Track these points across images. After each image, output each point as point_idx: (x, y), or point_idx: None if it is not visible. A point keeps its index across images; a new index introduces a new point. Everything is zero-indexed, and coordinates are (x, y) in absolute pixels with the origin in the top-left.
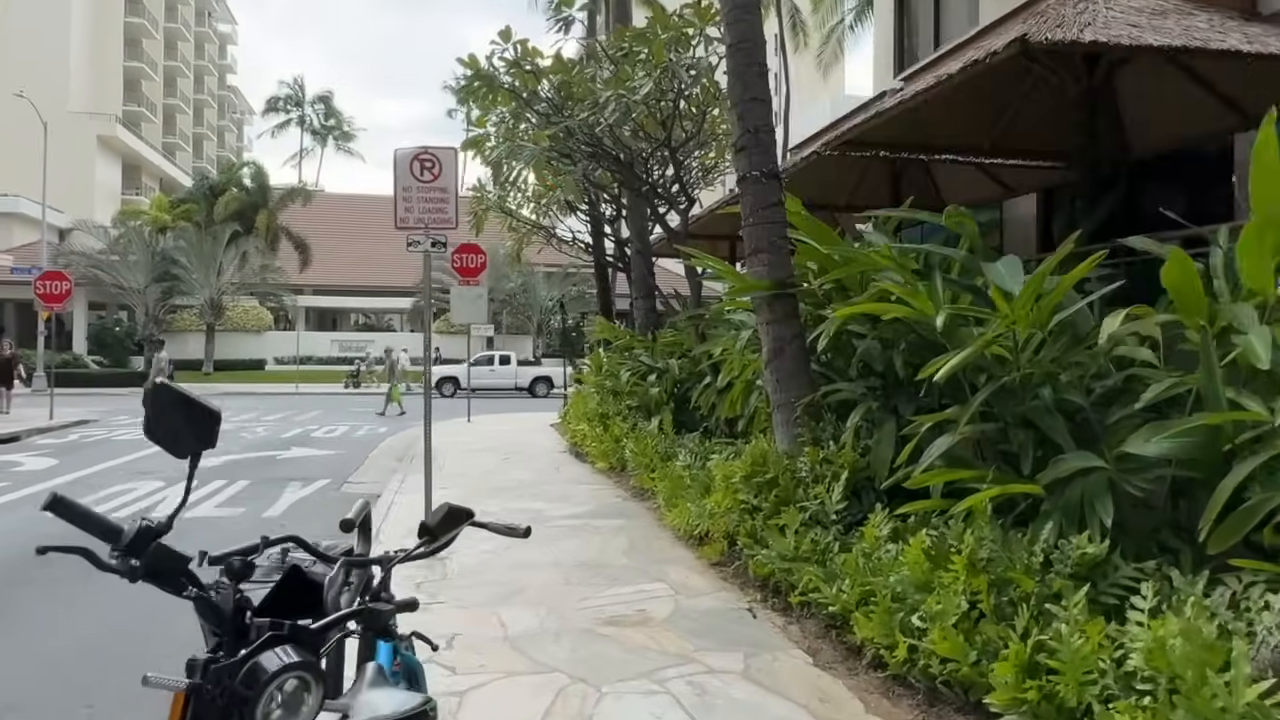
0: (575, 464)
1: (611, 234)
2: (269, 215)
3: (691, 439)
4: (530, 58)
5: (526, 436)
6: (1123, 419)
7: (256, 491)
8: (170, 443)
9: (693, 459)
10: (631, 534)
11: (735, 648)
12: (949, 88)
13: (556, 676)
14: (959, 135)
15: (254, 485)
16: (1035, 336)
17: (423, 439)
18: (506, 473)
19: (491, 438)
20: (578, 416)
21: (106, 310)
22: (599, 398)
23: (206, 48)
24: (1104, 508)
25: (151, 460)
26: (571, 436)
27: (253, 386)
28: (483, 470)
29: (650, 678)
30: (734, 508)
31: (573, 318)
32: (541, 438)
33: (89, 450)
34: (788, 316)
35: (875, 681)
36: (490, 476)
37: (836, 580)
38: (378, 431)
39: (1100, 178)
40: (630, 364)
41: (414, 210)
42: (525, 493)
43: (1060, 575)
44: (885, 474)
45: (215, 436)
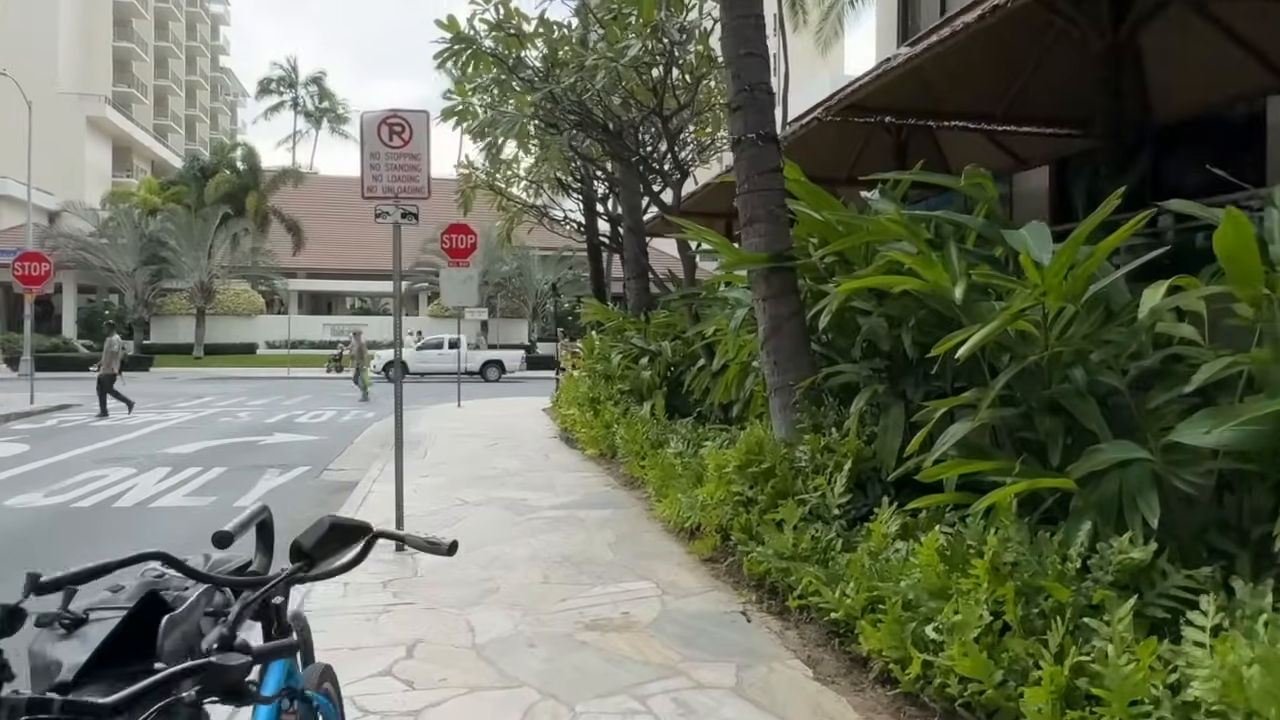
0: (564, 450)
1: (605, 213)
2: (259, 197)
3: (685, 425)
4: (513, 19)
5: (516, 421)
6: (1166, 404)
7: (231, 479)
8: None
9: (685, 446)
10: (619, 526)
11: (727, 657)
12: (964, 38)
13: (525, 692)
14: (969, 101)
15: (230, 473)
16: (1066, 311)
17: (418, 421)
18: (492, 459)
19: (480, 423)
20: (569, 401)
21: (97, 294)
22: (590, 382)
23: (199, 28)
24: (1148, 505)
25: (125, 446)
26: (562, 422)
27: (243, 371)
28: (468, 456)
29: (631, 693)
30: (727, 499)
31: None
32: (532, 422)
33: (64, 436)
34: (785, 292)
35: (884, 700)
36: (475, 463)
37: (839, 583)
38: (364, 417)
39: (1125, 143)
40: (622, 347)
41: (382, 178)
42: (510, 481)
43: (1100, 584)
44: (893, 464)
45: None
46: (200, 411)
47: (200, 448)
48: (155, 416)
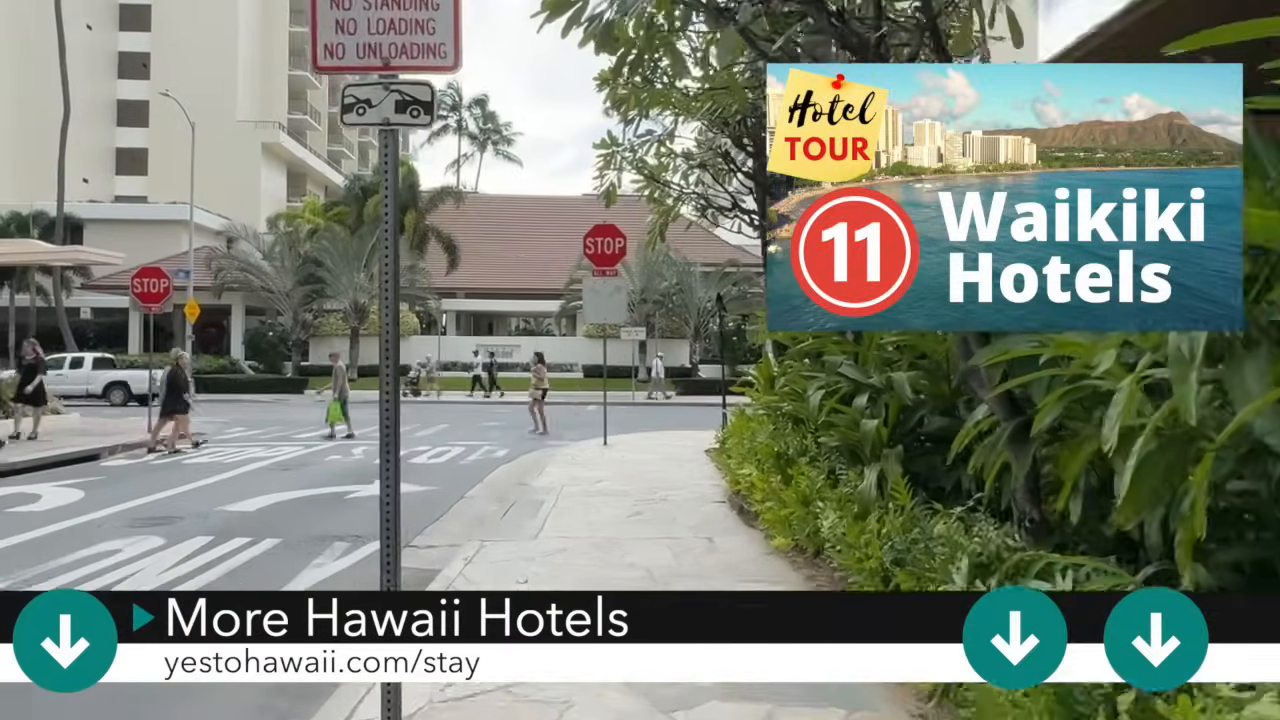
0: (737, 530)
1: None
2: (417, 215)
3: (946, 518)
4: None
5: (672, 471)
6: None
7: (277, 559)
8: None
9: (986, 569)
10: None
11: None
12: None
13: None
14: None
15: (283, 547)
16: None
17: (542, 468)
18: (631, 547)
19: (626, 472)
20: (742, 452)
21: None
22: (772, 426)
23: None
24: None
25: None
26: (733, 479)
27: None
28: (597, 539)
29: None
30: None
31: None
32: (692, 472)
33: (138, 479)
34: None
35: None
36: (605, 554)
37: None
38: (493, 456)
39: None
40: (824, 379)
41: (357, 28)
42: None
43: None
44: None
45: None
46: (315, 445)
47: (271, 502)
48: (262, 452)
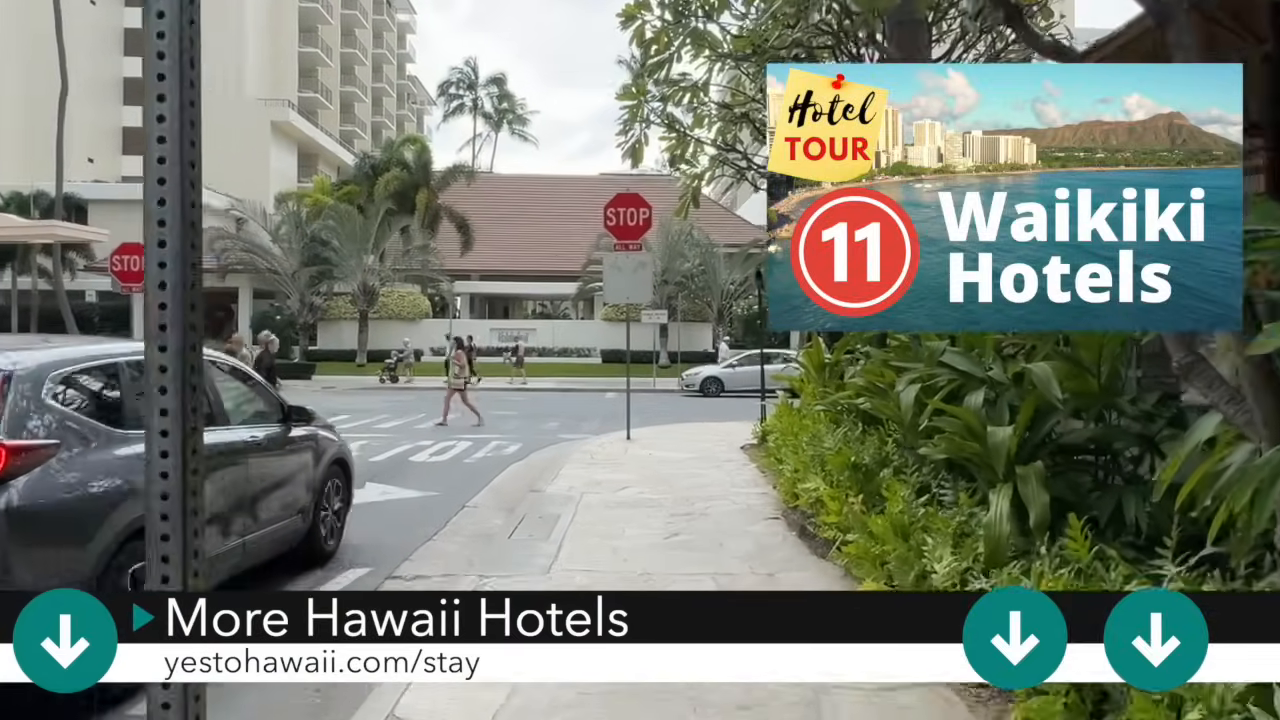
0: (804, 561)
1: None
2: (429, 194)
3: (1137, 573)
4: None
5: (710, 472)
6: None
7: None
8: None
9: None
10: None
11: None
12: None
13: None
14: None
15: None
16: None
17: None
18: (669, 582)
19: (654, 475)
20: (794, 453)
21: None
22: (841, 430)
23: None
24: None
25: None
26: (788, 490)
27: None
28: (624, 566)
29: None
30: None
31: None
32: (733, 475)
33: None
34: None
35: None
36: (636, 586)
37: None
38: (503, 453)
39: None
40: (919, 370)
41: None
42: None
43: None
44: None
45: None
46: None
47: None
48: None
